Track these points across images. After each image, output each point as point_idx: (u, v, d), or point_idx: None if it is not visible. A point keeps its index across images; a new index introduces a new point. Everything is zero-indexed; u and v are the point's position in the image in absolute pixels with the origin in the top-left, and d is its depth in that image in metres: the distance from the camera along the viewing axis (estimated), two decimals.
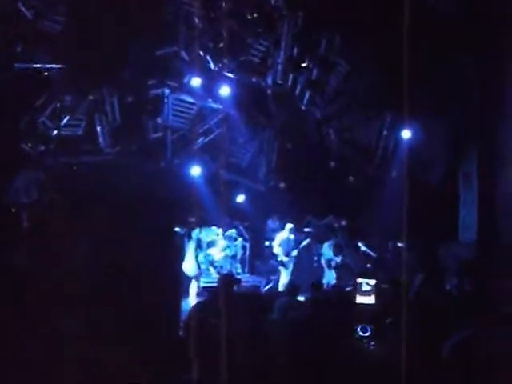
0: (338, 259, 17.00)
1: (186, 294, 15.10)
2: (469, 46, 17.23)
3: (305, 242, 17.41)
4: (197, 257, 15.74)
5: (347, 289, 13.85)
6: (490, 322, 5.57)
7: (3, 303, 6.26)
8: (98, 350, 5.74)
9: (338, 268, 16.94)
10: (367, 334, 5.40)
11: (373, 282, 5.58)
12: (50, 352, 5.73)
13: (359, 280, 5.54)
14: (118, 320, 5.93)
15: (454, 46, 16.91)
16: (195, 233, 15.90)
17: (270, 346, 5.61)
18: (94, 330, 5.84)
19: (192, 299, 14.71)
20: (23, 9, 14.34)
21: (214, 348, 5.18)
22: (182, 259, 14.19)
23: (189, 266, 15.27)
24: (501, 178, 17.29)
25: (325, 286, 14.32)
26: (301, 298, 10.20)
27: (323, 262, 17.15)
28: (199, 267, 15.70)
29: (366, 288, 5.60)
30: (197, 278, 15.52)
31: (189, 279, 15.31)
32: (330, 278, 16.66)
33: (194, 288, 15.32)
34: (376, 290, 5.62)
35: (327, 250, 17.13)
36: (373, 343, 5.36)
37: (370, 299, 5.60)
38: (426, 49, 15.14)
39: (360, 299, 5.56)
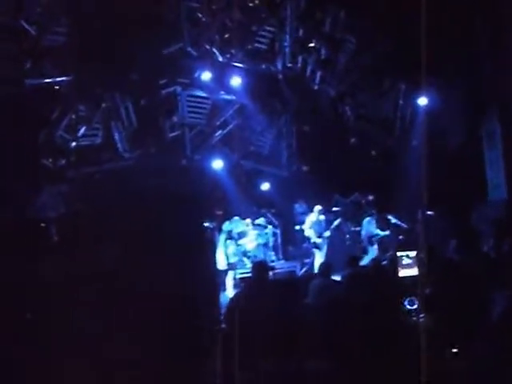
0: (383, 233, 17.01)
1: (223, 286, 15.17)
2: (481, 6, 17.04)
3: (336, 222, 17.38)
4: (227, 249, 15.82)
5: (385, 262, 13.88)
6: None
7: (36, 317, 6.30)
8: (136, 351, 5.74)
9: (380, 243, 16.95)
10: (415, 307, 5.31)
11: (413, 253, 5.49)
12: (80, 362, 5.75)
13: (399, 253, 5.45)
14: (155, 322, 5.93)
15: (466, 6, 16.71)
16: (225, 225, 15.95)
17: (307, 330, 5.58)
18: (131, 334, 5.84)
19: (229, 291, 14.77)
20: (26, 25, 14.37)
21: (253, 337, 5.17)
22: (214, 253, 14.22)
23: (221, 259, 15.37)
24: None
25: (368, 262, 14.30)
26: (337, 278, 10.18)
27: (364, 238, 17.12)
28: (232, 259, 15.76)
29: (406, 261, 5.51)
30: (232, 269, 15.58)
31: (224, 272, 15.38)
32: (373, 253, 16.66)
33: (230, 280, 15.37)
34: (418, 262, 5.53)
35: (369, 225, 17.06)
36: (422, 315, 5.26)
37: (413, 271, 5.51)
38: (437, 11, 14.95)
39: (402, 272, 5.47)
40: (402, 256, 5.51)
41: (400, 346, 5.14)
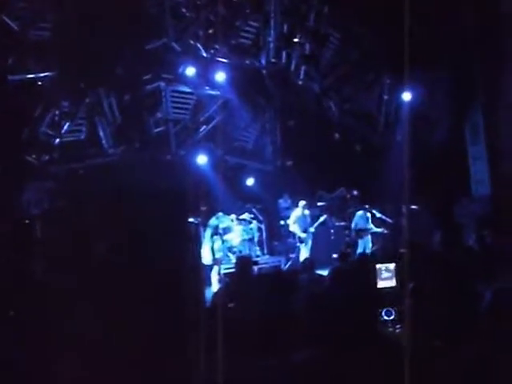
0: (376, 229, 17.09)
1: (209, 282, 15.17)
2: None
3: (321, 219, 17.41)
4: (213, 244, 15.83)
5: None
6: None
7: (24, 314, 6.28)
8: (119, 347, 5.73)
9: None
10: (392, 318, 5.34)
11: (392, 266, 5.51)
12: (68, 357, 5.72)
13: (378, 266, 5.46)
14: (139, 317, 5.91)
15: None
16: (212, 220, 15.97)
17: (291, 325, 5.57)
18: (115, 331, 5.82)
19: (214, 286, 14.77)
20: (8, 21, 14.27)
21: (234, 333, 5.16)
22: (199, 248, 14.20)
23: (206, 254, 15.39)
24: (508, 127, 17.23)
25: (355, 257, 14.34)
26: (322, 272, 10.21)
27: (353, 231, 17.16)
28: (217, 254, 15.77)
29: (386, 274, 5.53)
30: (217, 265, 15.59)
31: (209, 267, 15.39)
32: (365, 246, 16.72)
33: (215, 275, 15.38)
34: (396, 273, 5.56)
35: (360, 219, 17.09)
36: (398, 326, 5.29)
37: (391, 282, 5.54)
38: (422, 5, 15.00)
39: (381, 284, 5.49)
40: (381, 269, 5.52)
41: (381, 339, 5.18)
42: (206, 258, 15.35)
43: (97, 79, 15.55)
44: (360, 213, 17.17)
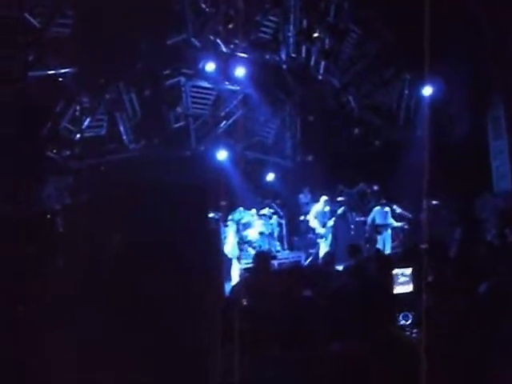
0: (396, 224, 17.03)
1: (229, 276, 15.21)
2: None
3: (339, 211, 17.37)
4: (237, 239, 15.91)
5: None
6: None
7: (42, 308, 6.34)
8: (137, 338, 5.77)
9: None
10: (409, 322, 5.32)
11: (409, 270, 5.48)
12: (86, 351, 5.76)
13: (395, 271, 5.42)
14: (159, 311, 5.95)
15: None
16: (236, 215, 16.02)
17: (308, 322, 5.58)
18: (135, 324, 5.87)
19: (235, 281, 14.81)
20: (30, 18, 14.35)
21: (250, 328, 5.18)
22: (219, 243, 14.25)
23: (230, 248, 15.47)
24: None
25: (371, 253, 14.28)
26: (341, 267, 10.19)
27: (370, 227, 17.08)
28: (238, 249, 15.84)
29: (402, 279, 5.50)
30: (238, 259, 15.63)
31: (230, 262, 15.45)
32: (384, 241, 16.66)
33: (236, 270, 15.42)
34: (413, 278, 5.54)
35: (380, 214, 17.02)
36: (415, 331, 5.28)
37: (408, 288, 5.51)
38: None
39: (398, 289, 5.47)
40: (398, 274, 5.50)
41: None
42: (229, 252, 15.43)
43: (117, 74, 15.62)
44: (377, 208, 17.10)
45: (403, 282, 5.58)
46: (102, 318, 5.97)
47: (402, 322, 5.40)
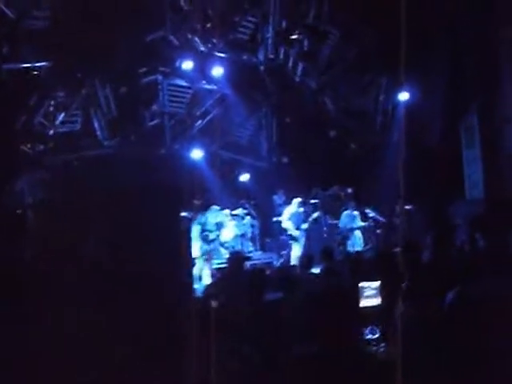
0: (361, 224, 17.09)
1: (199, 276, 15.17)
2: (464, 4, 17.10)
3: (314, 215, 17.39)
4: (203, 239, 15.86)
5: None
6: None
7: (9, 305, 6.25)
8: (106, 344, 5.72)
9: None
10: (376, 336, 5.29)
11: (376, 284, 5.44)
12: (53, 351, 5.71)
13: (361, 284, 5.37)
14: (128, 310, 5.90)
15: (449, 3, 16.78)
16: (200, 217, 15.97)
17: (280, 325, 5.57)
18: (102, 327, 5.82)
19: (205, 281, 14.77)
20: (5, 9, 14.18)
21: (222, 327, 5.16)
22: (190, 243, 14.21)
23: (196, 249, 15.44)
24: (503, 134, 17.31)
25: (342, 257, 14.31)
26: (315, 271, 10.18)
27: (343, 230, 17.15)
28: (207, 248, 15.78)
29: (369, 292, 5.46)
30: (207, 259, 15.59)
31: (200, 262, 15.43)
32: (354, 244, 16.71)
33: (206, 270, 15.39)
34: (381, 291, 5.50)
35: (347, 218, 17.10)
36: (383, 345, 5.25)
37: (376, 301, 5.46)
38: (420, 6, 15.01)
39: (364, 302, 5.42)
40: (365, 287, 5.45)
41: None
42: (195, 252, 15.38)
43: (93, 70, 15.51)
44: (346, 212, 17.21)
45: (370, 296, 5.54)
46: (68, 311, 5.91)
47: (369, 336, 5.36)
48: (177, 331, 6.18)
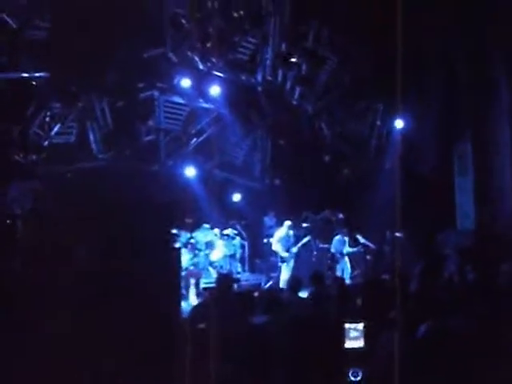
0: (351, 250, 17.07)
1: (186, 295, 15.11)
2: (458, 31, 17.24)
3: (304, 240, 17.37)
4: (191, 259, 15.83)
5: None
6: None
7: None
8: (95, 355, 5.70)
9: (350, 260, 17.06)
10: (358, 379, 5.28)
11: (361, 326, 5.44)
12: (45, 359, 5.68)
13: (347, 326, 5.37)
14: (116, 326, 5.88)
15: (443, 30, 16.91)
16: (184, 235, 15.96)
17: (267, 348, 5.55)
18: (92, 338, 5.79)
19: (192, 300, 14.71)
20: (7, 18, 14.22)
21: (209, 350, 5.14)
22: (179, 261, 14.15)
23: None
24: (496, 166, 17.39)
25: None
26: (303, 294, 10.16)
27: (335, 255, 17.13)
28: (191, 266, 15.76)
29: (354, 334, 5.46)
30: (196, 279, 15.55)
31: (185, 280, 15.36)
32: (342, 269, 16.69)
33: (193, 289, 15.33)
34: (365, 333, 5.50)
35: (338, 243, 17.09)
36: None
37: (360, 343, 5.46)
38: (416, 35, 15.11)
39: (349, 344, 5.41)
40: (350, 328, 5.45)
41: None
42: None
43: (91, 84, 15.52)
44: (338, 237, 17.20)
45: (354, 337, 5.53)
46: (58, 320, 5.89)
47: (352, 378, 5.35)
48: (166, 342, 6.17)
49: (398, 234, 17.50)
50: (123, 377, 5.82)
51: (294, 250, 16.80)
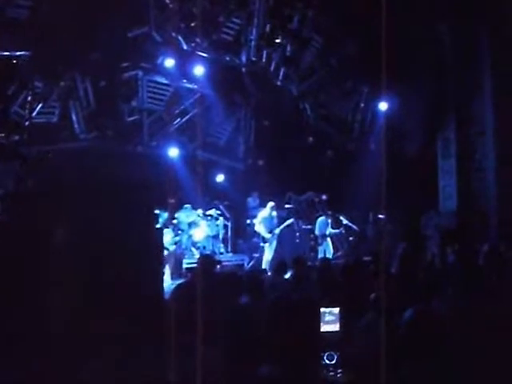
0: (334, 231, 17.09)
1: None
2: (444, 15, 17.24)
3: (288, 222, 17.37)
4: (173, 239, 15.80)
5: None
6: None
7: None
8: (79, 334, 5.68)
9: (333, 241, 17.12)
10: (334, 362, 5.31)
11: (336, 310, 5.48)
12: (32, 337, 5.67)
13: (322, 309, 5.40)
14: (99, 304, 5.87)
15: (429, 14, 16.89)
16: (162, 215, 15.93)
17: (248, 329, 5.56)
18: (75, 315, 5.78)
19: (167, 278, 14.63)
20: None
21: (191, 330, 5.14)
22: (162, 242, 14.12)
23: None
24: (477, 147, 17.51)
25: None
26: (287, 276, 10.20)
27: (317, 236, 17.13)
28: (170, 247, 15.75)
29: (329, 318, 5.49)
30: (178, 259, 15.53)
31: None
32: (324, 251, 16.72)
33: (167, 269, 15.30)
34: (340, 318, 5.54)
35: (321, 224, 17.09)
36: (340, 371, 5.27)
37: (335, 327, 5.50)
38: (401, 18, 15.08)
39: (324, 328, 5.44)
40: (325, 312, 5.48)
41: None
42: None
43: (73, 63, 15.40)
44: (321, 218, 17.19)
45: (330, 321, 5.57)
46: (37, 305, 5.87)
47: (327, 361, 5.38)
48: (153, 325, 6.16)
49: (380, 216, 17.60)
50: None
51: (277, 231, 16.80)
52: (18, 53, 14.65)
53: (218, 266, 13.88)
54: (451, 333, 4.68)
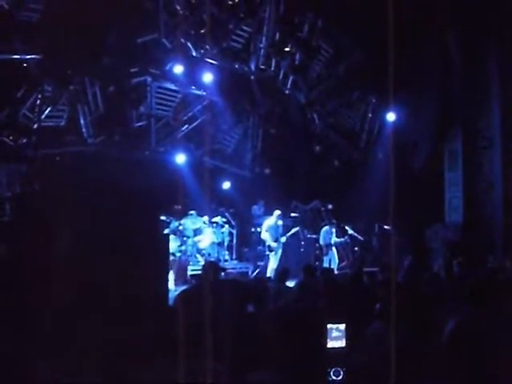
0: (339, 240, 17.04)
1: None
2: (453, 27, 17.25)
3: (293, 230, 17.32)
4: (179, 246, 15.78)
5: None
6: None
7: None
8: (81, 340, 5.66)
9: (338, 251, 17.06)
10: (340, 378, 5.29)
11: (343, 326, 5.46)
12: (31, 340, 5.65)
13: (329, 326, 5.37)
14: (102, 309, 5.85)
15: (438, 26, 16.89)
16: (173, 223, 15.92)
17: (253, 338, 5.53)
18: (80, 321, 5.76)
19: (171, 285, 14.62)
20: None
21: (195, 338, 5.12)
22: (167, 248, 14.10)
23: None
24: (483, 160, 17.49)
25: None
26: (290, 284, 10.18)
27: (322, 246, 17.09)
28: (185, 256, 15.73)
29: (335, 334, 5.47)
30: (183, 265, 15.51)
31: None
32: (330, 261, 16.67)
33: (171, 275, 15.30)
34: (346, 334, 5.52)
35: (326, 234, 17.05)
36: None
37: (341, 343, 5.48)
38: (410, 29, 15.08)
39: (331, 344, 5.42)
40: (332, 328, 5.46)
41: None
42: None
43: (83, 67, 15.44)
44: (326, 228, 17.15)
45: (336, 337, 5.55)
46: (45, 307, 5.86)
47: (333, 377, 5.35)
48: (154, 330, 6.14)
49: (386, 227, 17.56)
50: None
51: (283, 239, 16.76)
52: (28, 56, 14.70)
53: (223, 274, 13.87)
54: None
